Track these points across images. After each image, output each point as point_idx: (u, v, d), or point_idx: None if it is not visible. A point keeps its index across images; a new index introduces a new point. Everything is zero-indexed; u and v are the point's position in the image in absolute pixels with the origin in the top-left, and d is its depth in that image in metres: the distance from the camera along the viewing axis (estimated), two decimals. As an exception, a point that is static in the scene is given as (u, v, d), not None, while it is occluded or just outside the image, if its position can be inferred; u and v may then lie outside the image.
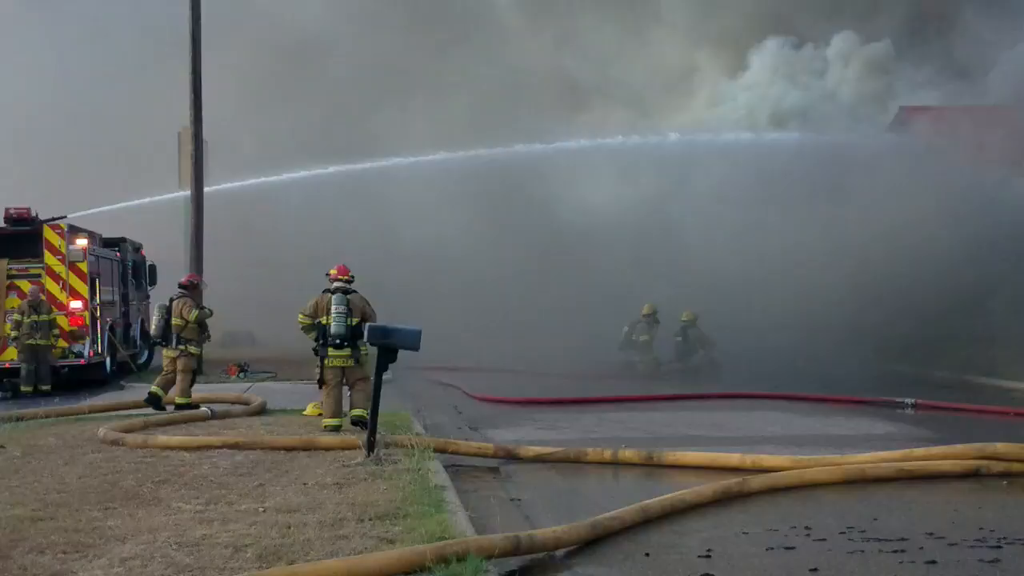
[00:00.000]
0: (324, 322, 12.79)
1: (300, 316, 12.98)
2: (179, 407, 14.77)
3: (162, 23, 27.73)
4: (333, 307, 12.68)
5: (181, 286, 15.62)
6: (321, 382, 12.91)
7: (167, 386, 15.07)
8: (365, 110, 30.30)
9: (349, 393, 13.03)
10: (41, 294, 18.96)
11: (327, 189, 27.87)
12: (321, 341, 12.80)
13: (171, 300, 15.33)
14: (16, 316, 18.57)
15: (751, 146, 26.47)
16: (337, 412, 12.72)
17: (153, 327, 15.44)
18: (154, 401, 14.85)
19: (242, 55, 28.99)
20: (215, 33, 22.94)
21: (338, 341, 12.67)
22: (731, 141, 26.76)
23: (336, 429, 12.48)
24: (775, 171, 25.22)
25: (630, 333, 23.12)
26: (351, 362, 12.79)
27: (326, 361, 12.79)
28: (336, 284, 12.93)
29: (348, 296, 12.80)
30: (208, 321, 15.56)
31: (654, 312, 23.19)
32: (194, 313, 14.99)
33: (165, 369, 15.23)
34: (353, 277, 13.06)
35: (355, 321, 12.61)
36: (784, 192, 24.90)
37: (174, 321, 15.02)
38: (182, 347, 15.01)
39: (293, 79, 30.82)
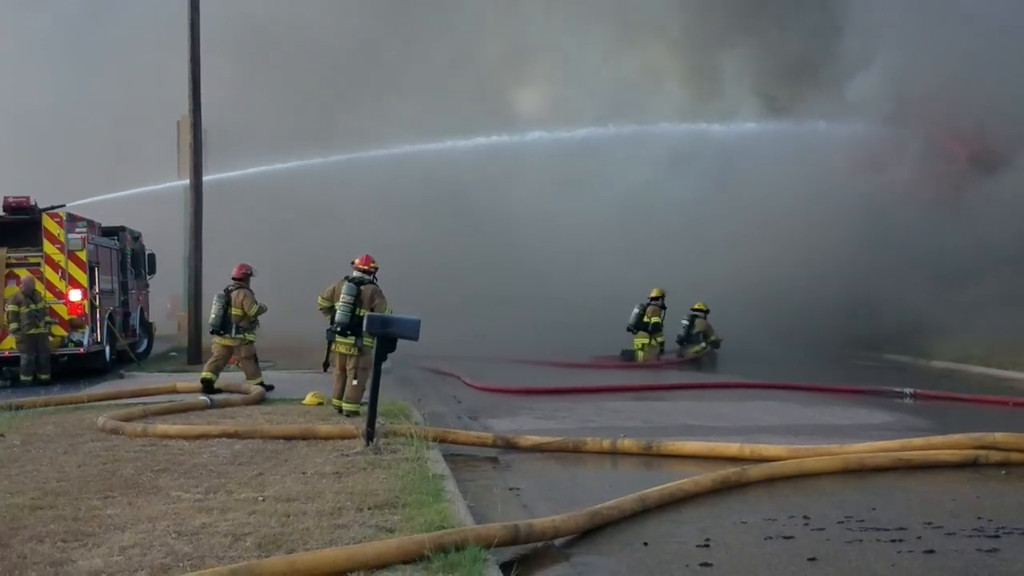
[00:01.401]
0: (336, 308, 13.17)
1: (319, 299, 13.45)
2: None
3: (160, 11, 27.68)
4: (342, 296, 13.06)
5: (235, 278, 16.02)
6: (326, 365, 13.44)
7: (218, 371, 15.88)
8: (346, 102, 30.41)
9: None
10: (39, 282, 18.93)
11: (319, 178, 27.97)
12: (331, 326, 13.16)
13: (228, 291, 15.84)
14: (12, 307, 18.52)
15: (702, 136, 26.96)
16: (348, 395, 12.99)
17: (212, 316, 15.94)
18: (207, 385, 15.56)
19: (233, 45, 28.96)
20: (213, 23, 22.90)
21: (339, 329, 13.00)
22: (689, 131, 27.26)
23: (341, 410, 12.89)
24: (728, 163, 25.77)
25: (641, 315, 23.22)
26: (354, 350, 13.00)
27: (332, 347, 13.22)
28: (355, 273, 13.25)
29: (361, 287, 13.06)
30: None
31: (662, 296, 23.32)
32: (255, 308, 15.66)
33: (216, 355, 15.86)
34: (375, 268, 13.35)
35: (363, 311, 12.77)
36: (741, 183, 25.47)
37: (233, 311, 15.64)
38: (240, 336, 15.71)
39: (282, 69, 30.87)
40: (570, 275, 26.85)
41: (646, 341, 23.11)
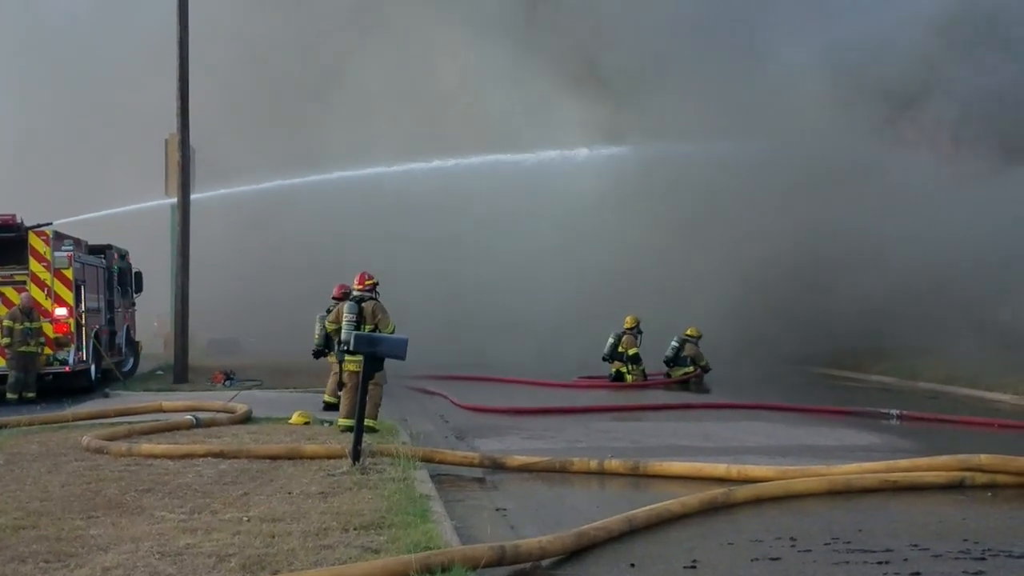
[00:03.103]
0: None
1: (328, 323, 13.98)
2: (327, 406, 15.81)
3: (150, 29, 27.73)
4: (344, 315, 13.43)
5: (334, 298, 16.26)
6: (341, 385, 13.70)
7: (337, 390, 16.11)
8: (327, 124, 30.56)
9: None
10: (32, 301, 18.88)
11: (307, 197, 28.05)
12: (339, 346, 13.55)
13: (328, 311, 16.02)
14: (7, 322, 18.47)
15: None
16: (352, 414, 12.96)
17: (316, 336, 16.33)
18: (331, 407, 15.84)
19: (227, 64, 29.07)
20: (203, 41, 22.94)
21: (345, 347, 13.15)
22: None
23: (350, 429, 12.75)
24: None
25: (616, 344, 23.10)
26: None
27: (343, 365, 13.51)
28: (354, 292, 13.59)
29: (362, 304, 13.35)
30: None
31: (637, 323, 23.26)
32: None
33: (334, 371, 15.97)
34: (372, 284, 13.62)
35: (368, 328, 13.04)
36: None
37: (332, 329, 15.90)
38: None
39: (266, 91, 31.01)
40: (538, 294, 27.11)
41: (624, 369, 23.03)
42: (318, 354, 16.41)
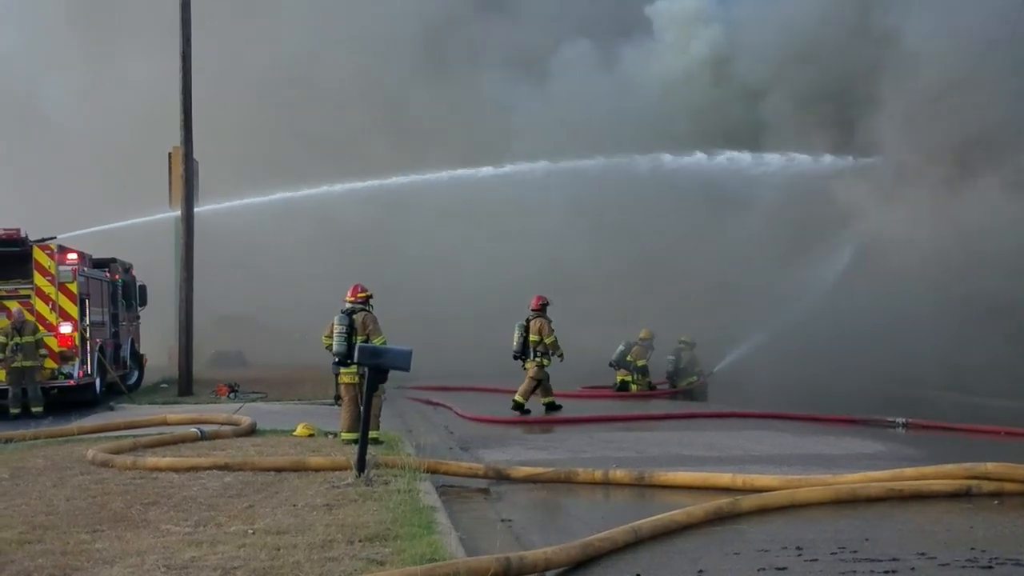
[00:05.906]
0: None
1: (323, 338, 13.92)
2: (517, 406, 17.75)
3: (152, 42, 27.82)
4: (335, 327, 13.43)
5: (533, 309, 18.15)
6: (337, 398, 13.88)
7: (542, 393, 18.08)
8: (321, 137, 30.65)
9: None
10: (30, 315, 18.87)
11: (306, 211, 28.09)
12: (334, 359, 13.48)
13: (528, 320, 18.05)
14: (1, 339, 18.48)
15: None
16: (352, 427, 13.00)
17: (515, 343, 18.11)
18: (553, 406, 18.00)
19: (230, 76, 29.16)
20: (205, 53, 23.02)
21: (337, 360, 13.31)
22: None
23: (355, 443, 12.74)
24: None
25: (625, 353, 23.11)
26: (358, 378, 13.06)
27: (338, 378, 13.57)
28: (346, 304, 13.58)
29: (353, 316, 13.40)
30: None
31: (651, 337, 23.30)
32: (551, 338, 17.89)
33: (529, 376, 18.03)
34: (365, 296, 13.68)
35: (360, 339, 13.06)
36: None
37: (531, 338, 17.91)
38: (537, 360, 17.89)
39: (276, 100, 31.08)
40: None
41: (629, 378, 23.01)
42: (516, 357, 18.16)
